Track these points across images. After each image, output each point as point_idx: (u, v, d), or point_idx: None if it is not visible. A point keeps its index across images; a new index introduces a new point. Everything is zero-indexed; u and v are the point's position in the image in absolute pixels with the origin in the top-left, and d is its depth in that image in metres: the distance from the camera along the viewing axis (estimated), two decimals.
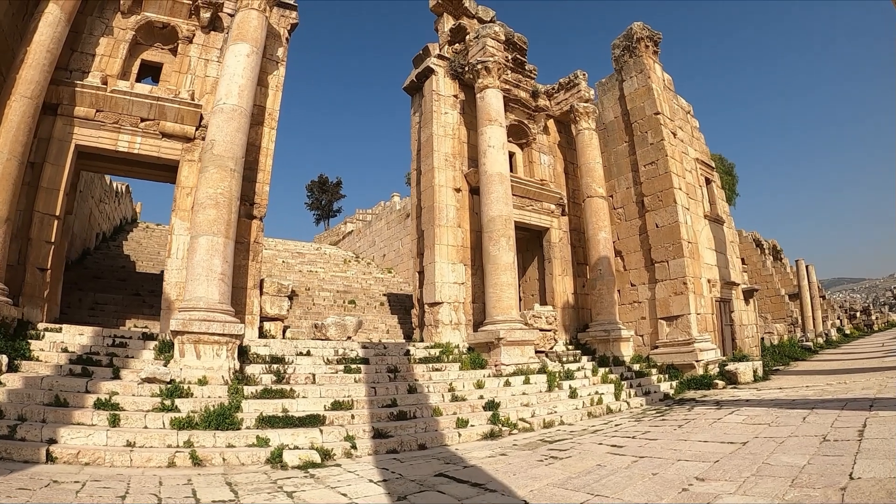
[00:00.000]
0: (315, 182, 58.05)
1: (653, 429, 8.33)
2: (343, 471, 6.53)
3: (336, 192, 58.17)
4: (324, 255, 30.49)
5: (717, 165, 23.75)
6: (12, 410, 6.98)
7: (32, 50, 9.27)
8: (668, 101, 16.87)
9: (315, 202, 58.34)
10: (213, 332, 8.92)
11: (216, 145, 10.00)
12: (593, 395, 11.53)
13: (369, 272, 28.46)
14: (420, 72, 15.86)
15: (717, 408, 9.91)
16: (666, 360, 14.71)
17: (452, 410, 9.42)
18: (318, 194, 57.94)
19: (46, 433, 6.54)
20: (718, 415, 8.95)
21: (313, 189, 58.08)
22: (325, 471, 6.54)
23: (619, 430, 8.64)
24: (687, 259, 14.92)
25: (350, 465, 6.83)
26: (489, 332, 12.78)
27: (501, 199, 13.91)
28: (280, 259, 25.48)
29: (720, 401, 10.97)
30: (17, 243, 9.56)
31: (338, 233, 42.13)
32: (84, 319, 11.56)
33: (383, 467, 6.65)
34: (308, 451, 7.02)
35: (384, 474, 6.29)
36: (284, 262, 25.25)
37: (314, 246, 34.59)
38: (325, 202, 57.90)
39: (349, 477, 6.19)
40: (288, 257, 26.67)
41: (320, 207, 58.19)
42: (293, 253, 28.37)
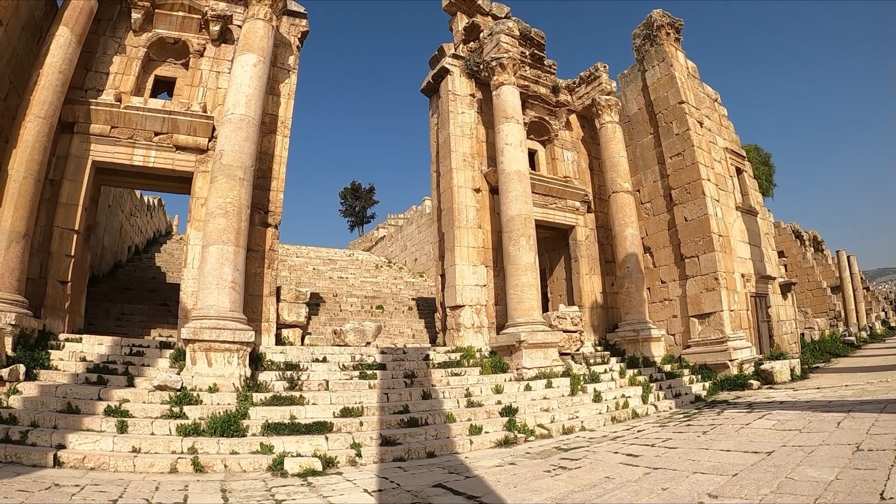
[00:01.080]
0: (348, 189, 58.60)
1: (675, 436, 7.82)
2: (342, 479, 6.36)
3: (369, 198, 58.56)
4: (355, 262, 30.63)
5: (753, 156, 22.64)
6: (26, 417, 7.24)
7: (45, 72, 9.60)
8: (692, 89, 16.15)
9: (349, 209, 58.86)
10: (224, 340, 8.95)
11: (225, 155, 10.07)
12: (619, 399, 11.01)
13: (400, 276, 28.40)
14: (436, 72, 15.69)
15: (747, 411, 9.28)
16: (698, 359, 14.01)
17: (467, 417, 9.14)
18: (352, 201, 58.45)
19: (56, 439, 6.74)
20: (748, 419, 8.34)
21: (346, 196, 58.63)
22: (324, 479, 6.39)
23: (639, 436, 8.17)
24: (718, 253, 14.20)
25: (351, 474, 6.66)
26: (510, 335, 12.44)
27: (520, 197, 13.55)
28: (311, 266, 25.68)
29: (753, 403, 10.30)
30: (38, 258, 9.92)
31: (371, 239, 42.41)
32: (110, 330, 11.84)
33: (384, 476, 6.45)
34: (310, 459, 6.89)
35: (382, 484, 6.08)
36: (315, 269, 25.45)
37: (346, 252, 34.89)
38: (359, 209, 58.36)
39: (345, 486, 6.02)
40: (319, 264, 26.87)
41: (354, 214, 58.68)
42: (325, 260, 28.59)
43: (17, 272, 8.88)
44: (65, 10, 10.13)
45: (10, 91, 9.97)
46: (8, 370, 7.92)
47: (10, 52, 9.87)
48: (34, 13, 10.40)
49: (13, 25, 9.74)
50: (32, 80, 9.57)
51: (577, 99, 17.27)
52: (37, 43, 10.04)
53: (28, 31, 10.24)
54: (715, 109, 17.95)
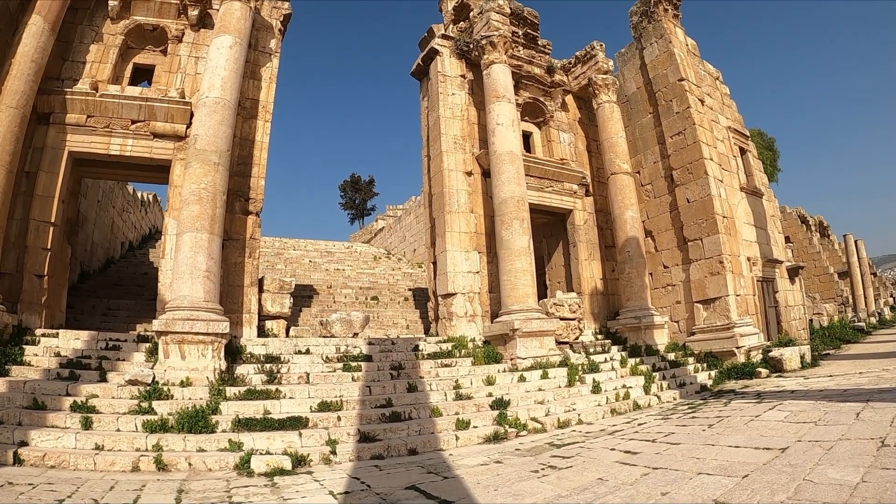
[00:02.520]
0: (347, 182, 58.23)
1: (679, 429, 7.31)
2: (310, 479, 5.98)
3: (369, 190, 58.17)
4: (353, 254, 30.25)
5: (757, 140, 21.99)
6: None
7: (17, 61, 9.31)
8: (693, 66, 15.51)
9: (349, 202, 58.52)
10: (198, 332, 8.60)
11: (199, 140, 9.69)
12: (619, 390, 10.54)
13: (398, 268, 28.00)
14: (425, 54, 15.18)
15: (756, 401, 8.75)
16: (703, 347, 13.47)
17: (455, 410, 8.71)
18: (352, 194, 58.09)
19: (18, 436, 6.50)
20: (757, 410, 7.81)
21: (346, 189, 58.27)
22: (291, 479, 6.01)
23: (640, 430, 7.67)
24: (722, 235, 13.61)
25: (322, 474, 6.27)
26: (503, 324, 11.97)
27: (513, 179, 13.04)
28: (307, 259, 25.35)
29: (762, 392, 9.77)
30: (14, 251, 9.67)
31: (370, 231, 42.01)
32: (95, 325, 11.54)
33: (356, 476, 6.05)
34: (279, 457, 6.51)
35: (352, 485, 5.68)
36: (311, 261, 25.10)
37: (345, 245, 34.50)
38: (359, 201, 57.99)
39: (311, 488, 5.63)
40: (316, 257, 26.52)
41: (354, 207, 58.33)
42: (322, 252, 28.20)
43: None
44: None
45: None
46: None
47: None
48: (8, 5, 10.06)
49: None
50: (5, 70, 9.28)
51: (572, 79, 16.68)
52: (12, 35, 9.69)
53: (2, 22, 9.93)
54: (717, 88, 17.29)
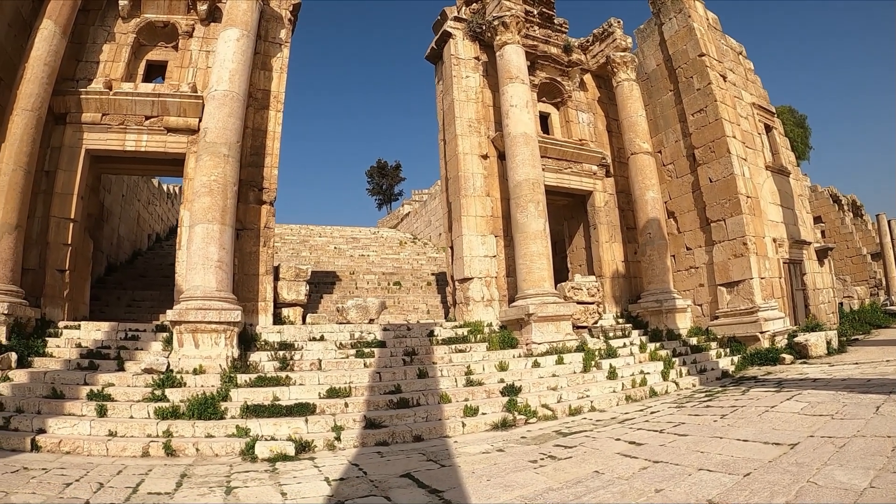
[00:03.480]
0: (374, 167, 58.27)
1: (689, 419, 7.08)
2: (310, 466, 6.06)
3: (396, 175, 58.05)
4: (379, 239, 30.35)
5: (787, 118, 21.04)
6: (12, 403, 7.31)
7: (30, 65, 9.63)
8: (713, 41, 14.91)
9: (375, 188, 58.61)
10: (210, 321, 8.79)
11: (209, 133, 9.83)
12: (636, 376, 10.29)
13: (424, 252, 27.99)
14: (438, 37, 14.97)
15: (776, 390, 8.42)
16: (727, 331, 13.05)
17: (464, 397, 8.66)
18: (378, 179, 58.12)
19: (37, 423, 6.78)
20: (774, 401, 7.50)
21: (373, 175, 58.33)
22: (292, 465, 6.11)
23: (650, 419, 7.47)
24: (746, 216, 13.10)
25: (324, 460, 6.35)
26: (519, 308, 11.84)
27: (527, 161, 12.81)
28: (332, 246, 25.56)
29: (783, 380, 9.40)
30: (36, 248, 10.06)
31: (397, 216, 42.20)
32: (120, 316, 11.95)
33: (356, 463, 6.10)
34: (283, 443, 6.62)
35: (349, 471, 5.72)
36: (336, 248, 25.30)
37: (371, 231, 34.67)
38: (386, 187, 58.01)
39: (309, 474, 5.70)
40: (342, 243, 26.70)
41: (381, 192, 58.40)
42: (348, 239, 28.39)
43: (11, 263, 9.00)
44: (48, 2, 10.12)
45: (2, 88, 10.00)
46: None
47: None
48: (21, 10, 10.42)
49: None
50: (19, 73, 9.60)
51: (590, 58, 16.21)
52: (27, 39, 10.02)
53: (16, 28, 10.28)
54: (739, 63, 16.58)
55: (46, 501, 4.64)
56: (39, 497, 4.73)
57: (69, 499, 4.77)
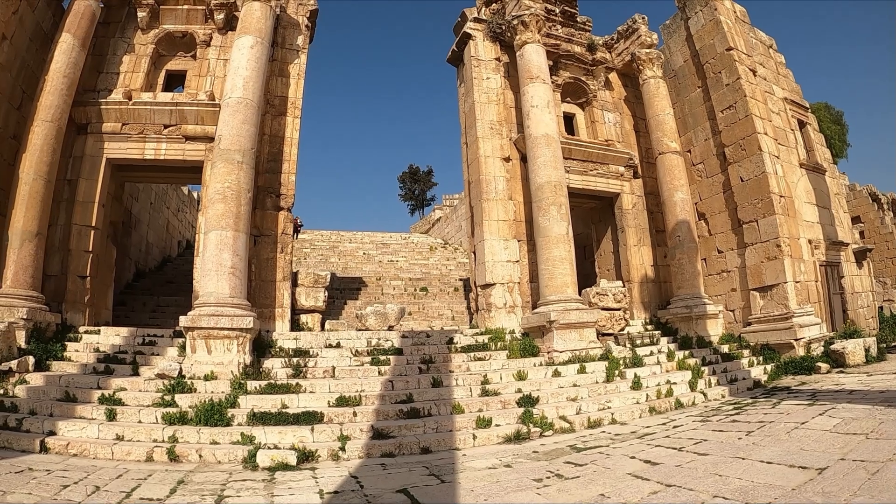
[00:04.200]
0: (406, 173, 58.42)
1: (713, 435, 6.62)
2: (308, 477, 5.91)
3: (428, 180, 58.06)
4: (409, 244, 30.27)
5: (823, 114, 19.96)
6: (26, 405, 7.49)
7: (50, 77, 9.93)
8: (741, 34, 14.24)
9: (408, 193, 58.75)
10: (223, 327, 8.79)
11: (223, 140, 9.88)
12: (661, 386, 9.80)
13: (453, 257, 27.73)
14: (459, 39, 14.81)
15: (808, 403, 7.83)
16: (760, 338, 12.36)
17: (478, 407, 8.37)
18: (411, 185, 58.26)
19: (48, 426, 6.93)
20: (805, 416, 6.93)
21: (405, 180, 58.51)
22: (290, 475, 5.97)
23: (672, 434, 7.03)
24: (779, 216, 12.40)
25: (324, 470, 6.19)
26: (541, 315, 11.46)
27: (549, 163, 12.45)
28: (361, 251, 25.58)
29: (817, 392, 8.77)
30: (59, 255, 10.33)
31: (428, 221, 42.08)
32: (144, 322, 12.15)
33: (355, 475, 5.91)
34: (285, 452, 6.49)
35: (346, 485, 5.54)
36: (366, 253, 25.30)
37: (402, 236, 34.62)
38: (418, 192, 58.07)
39: (305, 485, 5.54)
40: (371, 248, 26.71)
41: (413, 198, 58.52)
42: (378, 244, 28.38)
43: (31, 269, 9.24)
44: (67, 16, 10.43)
45: (24, 100, 10.38)
46: (17, 362, 8.20)
47: (20, 63, 10.29)
48: (41, 24, 10.80)
49: (19, 38, 10.14)
50: (39, 86, 9.90)
51: (615, 56, 15.73)
52: (47, 53, 10.35)
53: (37, 42, 10.64)
54: (770, 56, 15.84)
55: (41, 502, 4.67)
56: (34, 498, 4.77)
57: (62, 500, 4.80)
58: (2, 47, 9.59)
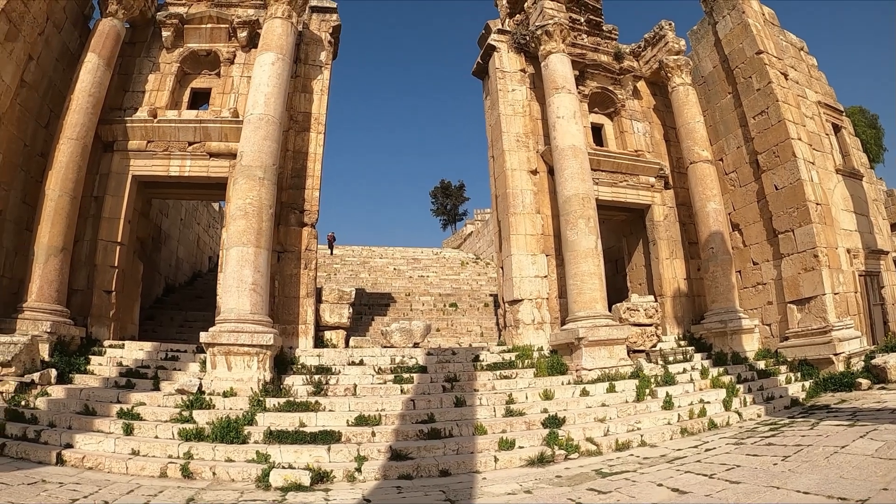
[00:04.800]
0: (438, 188, 58.85)
1: (747, 460, 6.17)
2: (320, 498, 5.76)
3: (459, 195, 58.30)
4: (441, 260, 30.05)
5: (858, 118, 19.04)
6: (46, 417, 7.59)
7: (75, 97, 10.22)
8: (771, 37, 13.80)
9: (440, 208, 59.05)
10: (243, 344, 8.75)
11: (245, 156, 9.94)
12: (694, 406, 9.32)
13: (485, 272, 27.37)
14: (483, 51, 14.75)
15: (848, 423, 7.28)
16: (797, 353, 11.80)
17: (501, 428, 8.06)
18: (442, 200, 58.57)
19: (65, 438, 7.01)
20: (846, 438, 6.42)
21: (437, 195, 58.91)
22: (302, 496, 5.83)
23: (703, 459, 6.60)
24: (816, 225, 11.86)
25: (337, 492, 5.99)
26: (568, 332, 11.10)
27: (577, 175, 12.14)
28: (392, 267, 25.48)
29: (858, 410, 8.20)
30: (85, 269, 10.55)
31: (460, 236, 41.98)
32: (171, 336, 12.28)
33: (368, 498, 5.72)
34: (299, 472, 6.33)
35: None
36: (396, 269, 25.20)
37: (434, 251, 34.42)
38: (450, 207, 58.30)
39: None
40: (402, 264, 26.60)
41: (446, 213, 58.74)
42: (409, 259, 28.27)
43: (56, 283, 9.42)
44: (92, 37, 10.76)
45: (52, 118, 10.68)
46: (39, 374, 8.33)
47: (47, 83, 10.61)
48: (68, 45, 11.13)
49: (46, 58, 10.46)
50: (65, 105, 10.20)
51: (643, 64, 15.39)
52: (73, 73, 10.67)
53: (63, 62, 10.97)
54: (801, 59, 15.29)
55: None
56: None
57: None
58: (29, 67, 9.88)
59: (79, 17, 11.47)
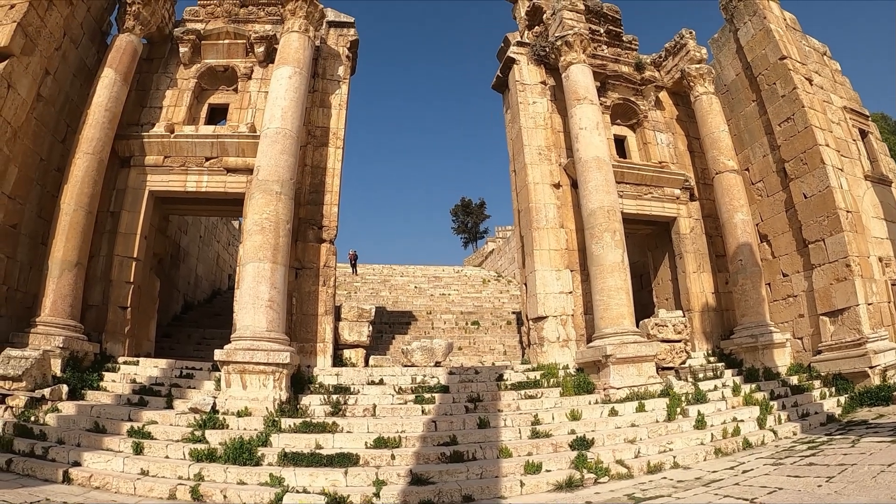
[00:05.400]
0: (458, 206, 58.31)
1: (788, 482, 5.74)
2: None
3: (480, 213, 57.69)
4: (462, 277, 29.66)
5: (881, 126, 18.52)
6: (55, 434, 7.40)
7: (92, 111, 10.23)
8: (794, 42, 13.53)
9: (461, 226, 58.51)
10: (258, 362, 8.52)
11: (261, 171, 9.84)
12: (727, 425, 8.89)
13: (507, 290, 26.95)
14: (503, 65, 14.64)
15: (891, 440, 6.91)
16: (831, 368, 11.37)
17: (527, 450, 7.68)
18: (463, 217, 58.00)
19: (73, 456, 6.82)
20: (891, 455, 6.02)
21: (458, 213, 58.39)
22: None
23: (742, 480, 6.18)
24: (847, 234, 11.44)
25: None
26: (596, 349, 10.67)
27: (601, 187, 11.81)
28: (413, 285, 25.17)
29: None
30: (100, 285, 10.48)
31: (481, 254, 41.64)
32: (189, 353, 12.15)
33: None
34: (313, 497, 6.05)
35: None
36: (417, 287, 24.88)
37: (455, 269, 34.05)
38: (471, 224, 57.69)
39: None
40: (423, 282, 26.27)
41: (466, 231, 58.21)
42: (430, 277, 27.91)
43: (70, 298, 9.33)
44: (109, 52, 10.81)
45: (68, 133, 10.69)
46: (50, 390, 8.18)
47: (63, 98, 10.63)
48: (85, 60, 11.18)
49: (62, 73, 10.49)
50: (82, 119, 10.22)
51: (665, 74, 15.15)
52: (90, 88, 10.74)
53: (81, 77, 11.02)
54: (825, 64, 14.99)
55: None
56: None
57: None
58: (45, 82, 9.89)
59: (96, 33, 11.54)
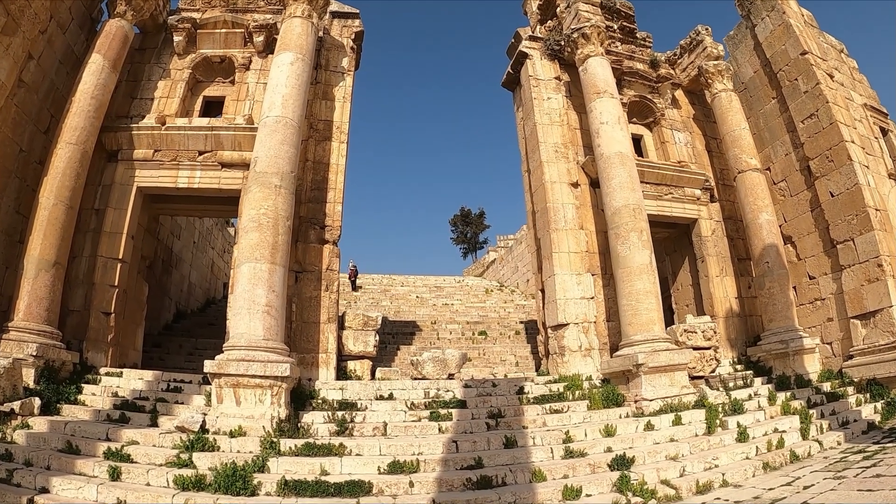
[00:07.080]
0: (458, 216, 57.62)
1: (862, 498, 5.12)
2: None
3: (480, 223, 57.05)
4: (464, 288, 28.96)
5: None
6: (22, 454, 6.57)
7: (77, 98, 9.42)
8: (813, 38, 13.18)
9: (460, 236, 57.82)
10: (254, 374, 7.60)
11: (259, 162, 9.00)
12: (770, 436, 8.25)
13: (511, 300, 26.26)
14: (514, 60, 13.97)
15: None
16: (865, 373, 10.89)
17: (563, 472, 6.80)
18: (462, 227, 57.32)
19: (40, 481, 5.99)
20: None
21: (457, 223, 57.72)
22: None
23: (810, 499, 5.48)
24: (878, 232, 10.95)
25: None
26: (625, 358, 9.83)
27: (625, 184, 11.06)
28: (414, 294, 24.48)
29: None
30: (82, 288, 9.57)
31: (482, 264, 40.97)
32: (179, 365, 11.35)
33: None
34: None
35: None
36: (419, 296, 24.16)
37: (456, 279, 33.42)
38: (470, 235, 57.03)
39: None
40: (424, 292, 25.56)
41: (466, 241, 57.50)
42: (431, 287, 27.23)
43: (47, 302, 8.45)
44: (98, 37, 10.08)
45: (52, 124, 9.90)
46: (20, 403, 7.24)
47: (48, 85, 9.87)
48: (73, 48, 10.43)
49: (48, 59, 9.74)
50: (66, 108, 9.42)
51: (680, 71, 14.66)
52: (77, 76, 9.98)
53: (67, 65, 10.28)
54: (843, 62, 14.62)
55: None
56: None
57: None
58: (28, 66, 9.11)
59: (86, 20, 10.79)
